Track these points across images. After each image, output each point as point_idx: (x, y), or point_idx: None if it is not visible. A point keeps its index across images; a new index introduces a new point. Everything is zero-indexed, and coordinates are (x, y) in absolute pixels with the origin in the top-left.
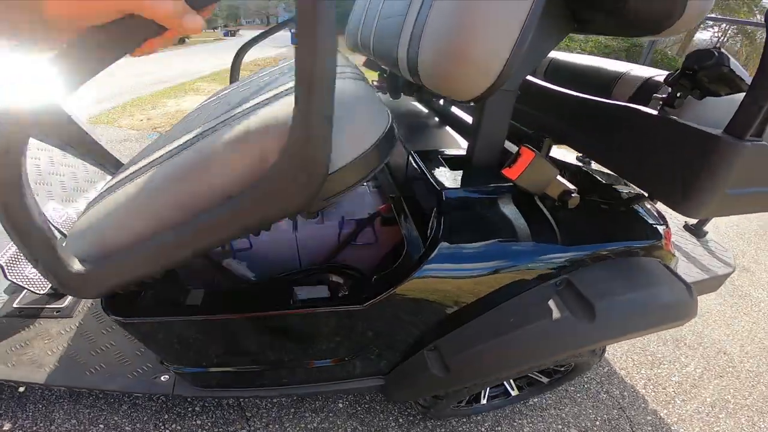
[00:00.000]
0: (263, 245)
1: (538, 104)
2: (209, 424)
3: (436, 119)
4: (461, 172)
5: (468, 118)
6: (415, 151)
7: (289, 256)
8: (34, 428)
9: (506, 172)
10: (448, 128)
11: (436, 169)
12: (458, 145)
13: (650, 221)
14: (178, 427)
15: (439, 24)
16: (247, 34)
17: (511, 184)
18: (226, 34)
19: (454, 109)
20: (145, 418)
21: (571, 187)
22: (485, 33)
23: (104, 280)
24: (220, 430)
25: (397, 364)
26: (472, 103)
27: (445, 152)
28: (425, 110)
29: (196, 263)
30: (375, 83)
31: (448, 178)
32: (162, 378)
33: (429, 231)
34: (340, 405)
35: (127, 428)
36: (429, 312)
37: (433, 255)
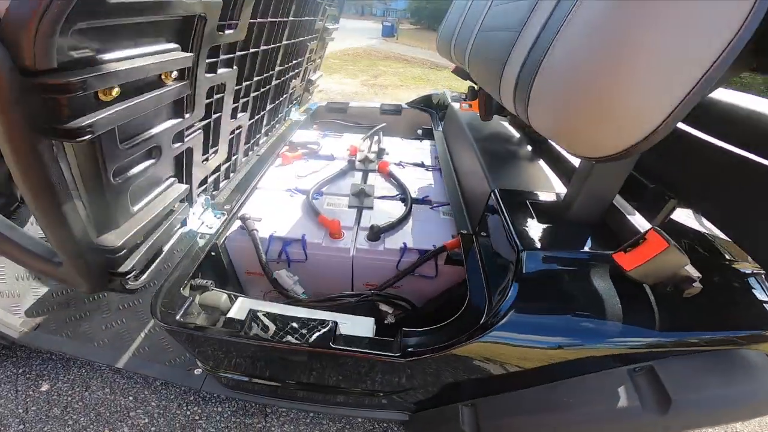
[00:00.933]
0: (319, 260)
1: (666, 149)
2: (229, 412)
3: (530, 149)
4: (551, 225)
5: (571, 156)
6: (500, 190)
7: (343, 275)
8: (70, 392)
9: (620, 259)
10: (542, 163)
11: (521, 217)
12: (552, 187)
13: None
14: (199, 410)
15: (572, 65)
16: (342, 23)
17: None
18: None
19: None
20: (171, 397)
21: (696, 274)
22: (648, 85)
23: None
24: (239, 419)
25: (427, 408)
26: (594, 161)
27: (535, 196)
28: (517, 136)
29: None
30: (463, 97)
31: (533, 232)
32: (195, 372)
33: (500, 291)
34: (359, 419)
35: (153, 403)
36: (477, 370)
37: (501, 323)
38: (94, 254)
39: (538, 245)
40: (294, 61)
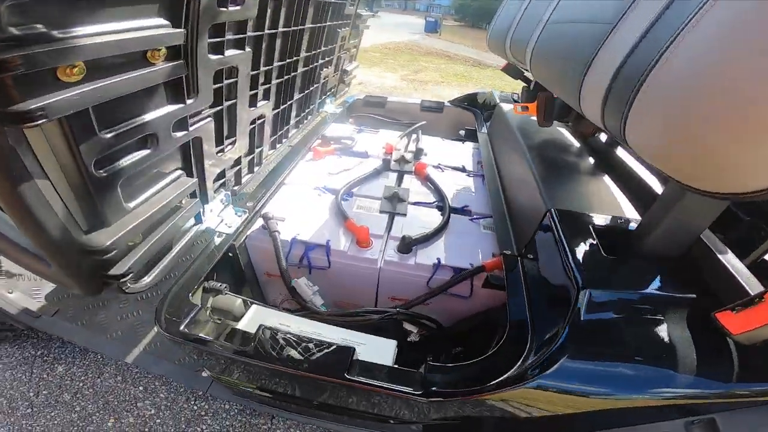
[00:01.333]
0: (342, 269)
1: None
2: (236, 410)
3: (592, 162)
4: (619, 258)
5: (647, 175)
6: (557, 210)
7: (367, 288)
8: (83, 378)
9: (726, 320)
10: (608, 181)
11: (582, 246)
12: (620, 210)
13: None
14: (206, 406)
15: (709, 79)
16: (384, 17)
17: (693, 296)
18: None
19: (624, 155)
20: (180, 390)
21: None
22: None
23: None
24: (245, 419)
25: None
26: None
27: (601, 221)
28: (578, 146)
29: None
30: (514, 97)
31: (597, 265)
32: (203, 374)
33: (549, 331)
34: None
35: (161, 395)
36: (508, 413)
37: (551, 371)
38: (81, 255)
39: (603, 282)
40: (323, 48)
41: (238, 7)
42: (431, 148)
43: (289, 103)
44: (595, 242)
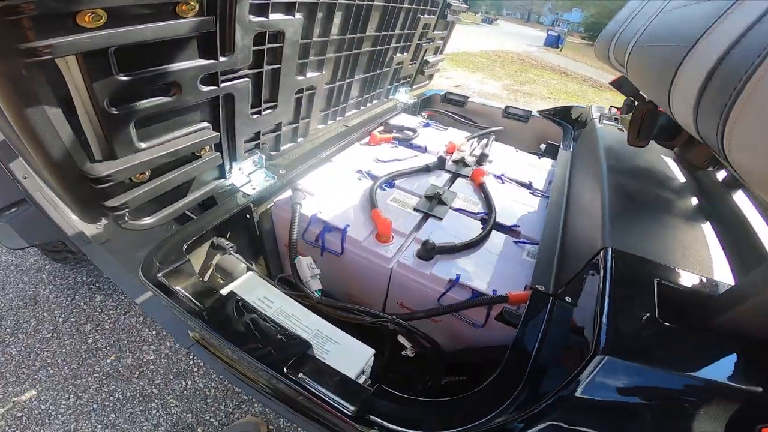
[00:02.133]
0: (354, 259)
1: None
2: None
3: (695, 203)
4: (680, 327)
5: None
6: (615, 250)
7: (376, 287)
8: (111, 312)
9: None
10: (709, 228)
11: (632, 299)
12: (711, 270)
13: None
14: (201, 364)
15: None
16: (503, 25)
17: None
18: (484, 21)
19: (744, 201)
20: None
21: None
22: None
23: None
24: (229, 385)
25: None
26: None
27: (674, 274)
28: (682, 180)
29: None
30: (613, 115)
31: (636, 328)
32: (189, 333)
33: (534, 401)
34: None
35: (168, 343)
36: None
37: None
38: (80, 182)
39: (635, 352)
40: (398, 31)
41: None
42: (500, 157)
43: (347, 80)
44: (652, 300)
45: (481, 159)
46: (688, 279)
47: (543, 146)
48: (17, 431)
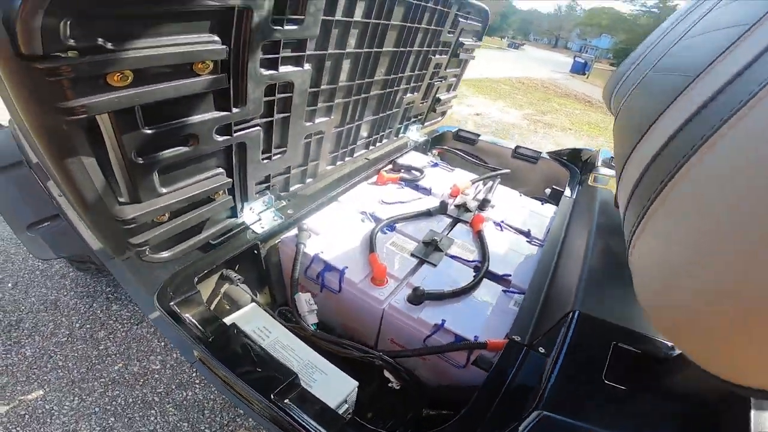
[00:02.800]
0: (350, 299)
1: None
2: None
3: None
4: (624, 387)
5: None
6: (581, 313)
7: (369, 324)
8: (125, 322)
9: None
10: None
11: (586, 361)
12: None
13: None
14: (203, 376)
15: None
16: (529, 50)
17: None
18: (510, 46)
19: None
20: None
21: None
22: None
23: None
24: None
25: None
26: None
27: (637, 340)
28: None
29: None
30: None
31: (578, 388)
32: (195, 351)
33: None
34: None
35: (175, 355)
36: None
37: None
38: (110, 221)
39: (575, 410)
40: (408, 73)
41: (295, 27)
42: (503, 202)
43: (356, 123)
44: (604, 361)
45: (483, 204)
46: (645, 341)
47: (548, 191)
48: (18, 428)
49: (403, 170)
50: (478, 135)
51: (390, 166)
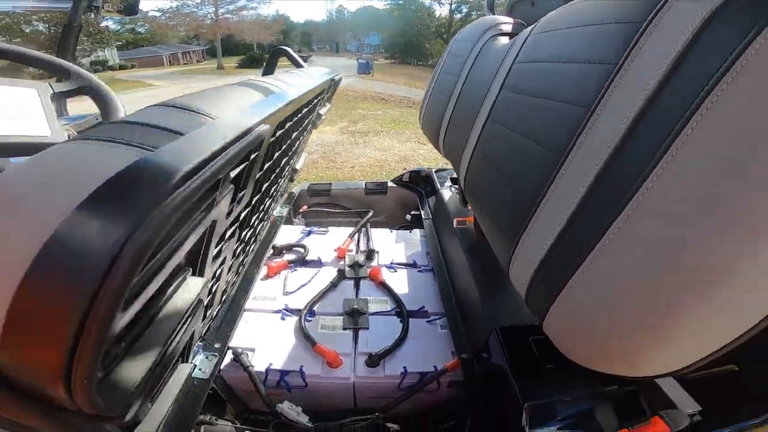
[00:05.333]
0: (319, 388)
1: None
2: None
3: None
4: (556, 365)
5: None
6: (500, 328)
7: (345, 399)
8: None
9: None
10: None
11: (524, 360)
12: None
13: None
14: None
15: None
16: (317, 60)
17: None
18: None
19: None
20: None
21: None
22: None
23: None
24: None
25: None
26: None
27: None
28: None
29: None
30: (451, 185)
31: (538, 377)
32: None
33: None
34: None
35: None
36: None
37: None
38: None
39: (545, 392)
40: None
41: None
42: (381, 244)
43: (248, 233)
44: (534, 353)
45: (370, 254)
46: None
47: (408, 217)
48: None
49: (285, 251)
50: (330, 184)
51: (272, 252)
